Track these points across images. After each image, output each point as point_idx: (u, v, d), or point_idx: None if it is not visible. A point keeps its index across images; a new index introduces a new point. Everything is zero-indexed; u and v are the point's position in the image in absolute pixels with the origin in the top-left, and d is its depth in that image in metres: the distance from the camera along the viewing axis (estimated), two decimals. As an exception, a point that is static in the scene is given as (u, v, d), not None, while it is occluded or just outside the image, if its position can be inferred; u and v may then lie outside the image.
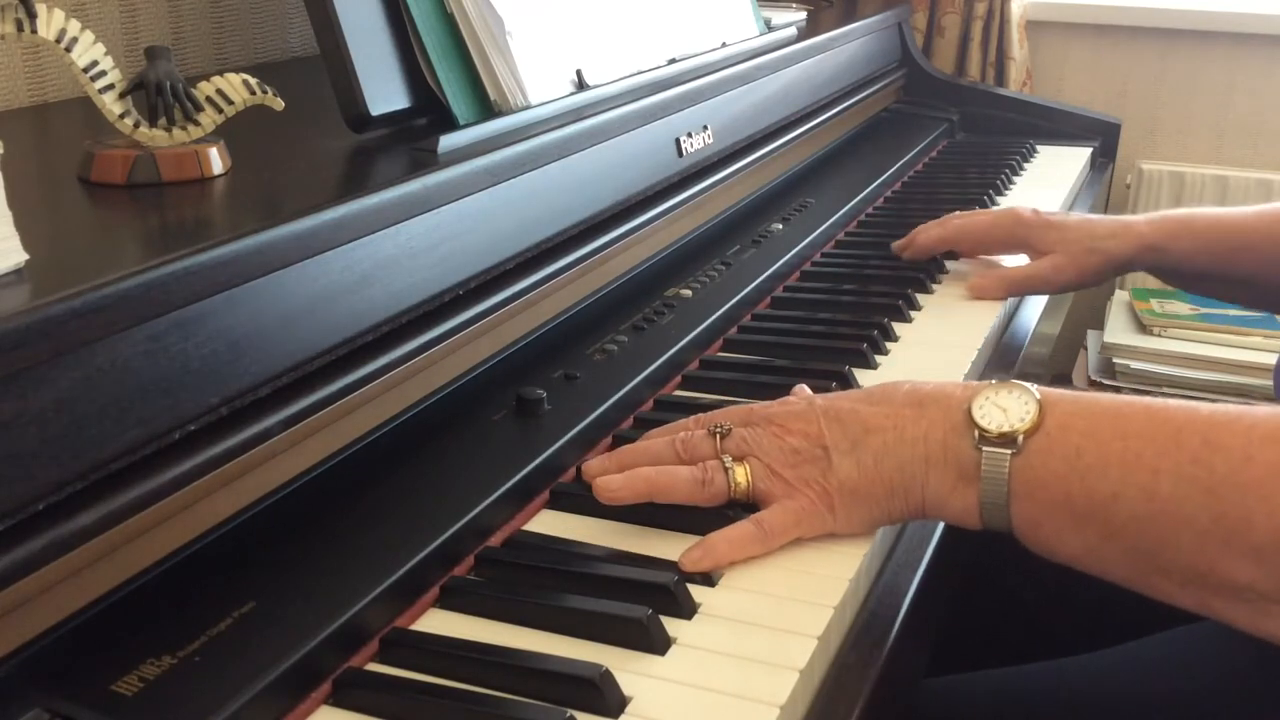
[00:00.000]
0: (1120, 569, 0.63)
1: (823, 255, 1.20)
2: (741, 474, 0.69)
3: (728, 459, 0.69)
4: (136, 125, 0.74)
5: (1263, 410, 0.60)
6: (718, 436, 0.70)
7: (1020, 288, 1.10)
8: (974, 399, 0.66)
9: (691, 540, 0.67)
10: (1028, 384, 0.66)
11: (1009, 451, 0.63)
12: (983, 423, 0.65)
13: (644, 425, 0.81)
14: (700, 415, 0.74)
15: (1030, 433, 0.63)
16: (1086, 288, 1.12)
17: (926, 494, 0.67)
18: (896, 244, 1.17)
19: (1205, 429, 0.60)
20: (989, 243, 1.15)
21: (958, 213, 1.18)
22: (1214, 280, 1.07)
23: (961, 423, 0.66)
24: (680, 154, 1.10)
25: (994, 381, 0.67)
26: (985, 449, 0.64)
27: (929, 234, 1.15)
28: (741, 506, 0.69)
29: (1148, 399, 0.64)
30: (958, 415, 0.66)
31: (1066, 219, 1.10)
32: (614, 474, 0.70)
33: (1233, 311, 1.96)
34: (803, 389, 0.78)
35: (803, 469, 0.68)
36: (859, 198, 1.35)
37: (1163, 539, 0.60)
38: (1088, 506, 0.61)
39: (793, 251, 1.14)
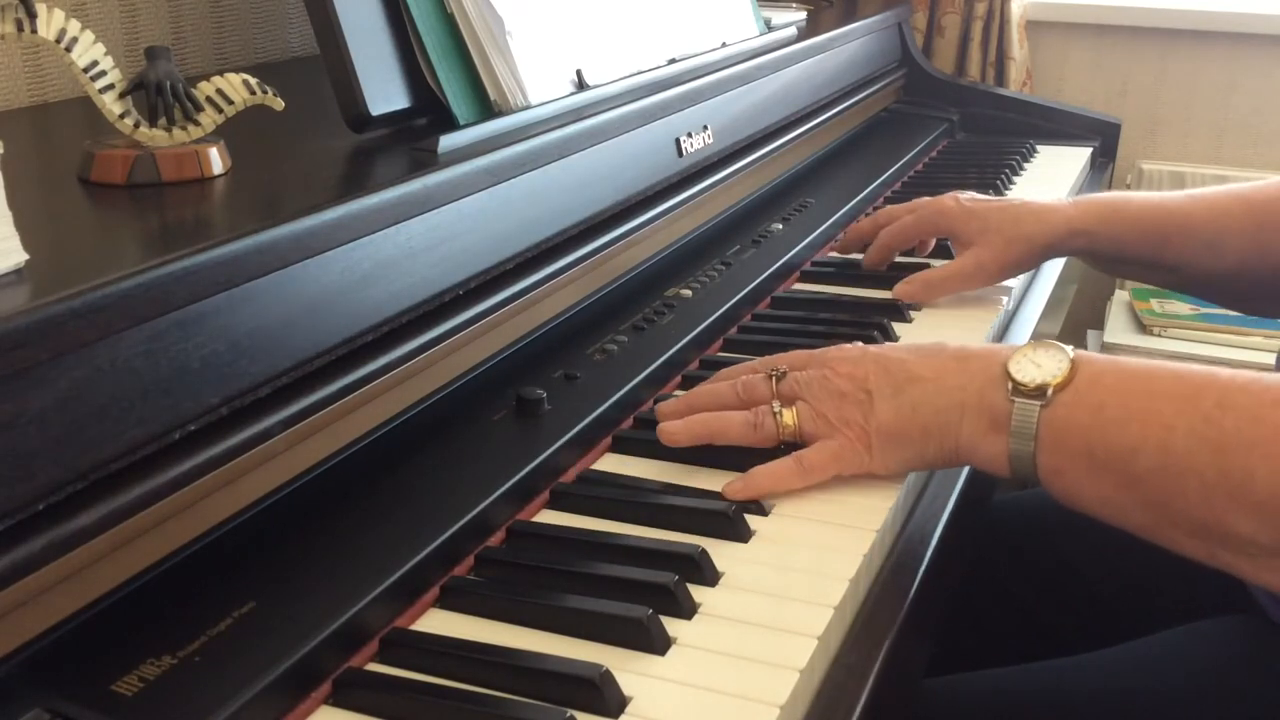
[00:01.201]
0: (1135, 518, 0.66)
1: (823, 255, 1.20)
2: (790, 417, 0.74)
3: (777, 404, 0.75)
4: (136, 125, 0.74)
5: (1278, 377, 0.63)
6: (774, 379, 0.76)
7: (943, 289, 1.06)
8: (1013, 355, 0.70)
9: (690, 538, 0.67)
10: (1065, 345, 0.69)
11: (1039, 403, 0.67)
12: (1018, 376, 0.69)
13: (645, 425, 0.81)
14: (764, 358, 0.80)
15: (1060, 387, 0.67)
16: (1014, 276, 1.08)
17: (960, 439, 0.71)
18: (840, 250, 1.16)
19: (1221, 391, 0.63)
20: (922, 239, 1.13)
21: (884, 211, 1.13)
22: (1141, 265, 1.05)
23: (999, 375, 0.70)
24: (680, 154, 1.10)
25: (1033, 341, 0.71)
26: (1017, 400, 0.68)
27: (871, 260, 1.12)
28: (793, 447, 0.74)
29: (1175, 364, 0.67)
30: (996, 369, 0.70)
31: (989, 206, 1.06)
32: (675, 420, 0.76)
33: (1233, 311, 1.96)
34: (857, 345, 0.81)
35: (845, 410, 0.73)
36: (859, 198, 1.35)
37: (1174, 491, 0.63)
38: (1107, 457, 0.65)
39: (793, 251, 1.14)
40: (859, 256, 1.17)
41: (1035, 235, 1.03)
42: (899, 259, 1.15)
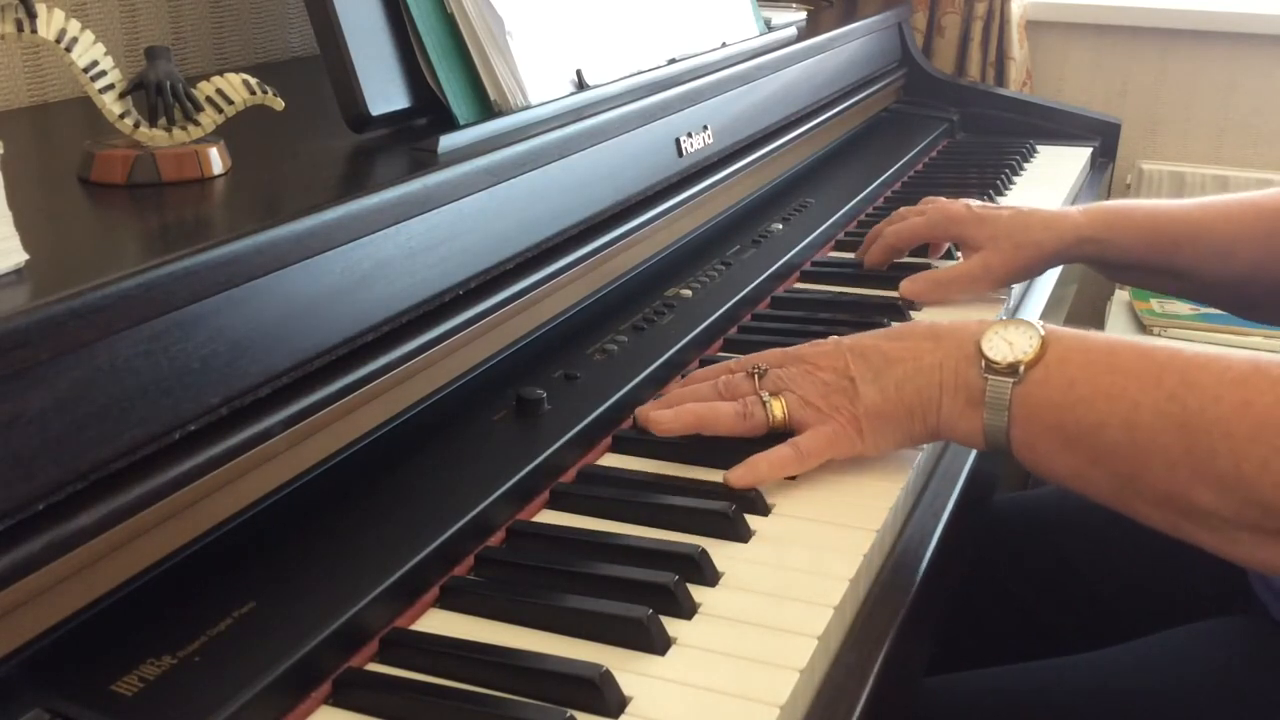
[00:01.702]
0: (1103, 490, 0.68)
1: (823, 255, 1.20)
2: (779, 407, 0.76)
3: (765, 394, 0.77)
4: (136, 125, 0.74)
5: (1239, 355, 0.65)
6: (755, 377, 0.78)
7: (950, 289, 1.06)
8: (985, 332, 0.72)
9: (690, 538, 0.67)
10: (1035, 321, 0.72)
11: (1011, 380, 0.70)
12: (990, 354, 0.71)
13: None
14: (739, 359, 0.82)
15: (1031, 364, 0.69)
16: (1021, 281, 1.09)
17: (941, 416, 0.73)
18: (858, 255, 1.16)
19: (1184, 369, 0.65)
20: (930, 241, 1.13)
21: (897, 213, 1.14)
22: (1149, 272, 1.05)
23: (972, 353, 0.72)
24: (680, 154, 1.10)
25: (1004, 319, 0.73)
26: (990, 378, 0.70)
27: (874, 258, 1.12)
28: (781, 438, 0.75)
29: (1141, 339, 0.70)
30: (969, 347, 0.72)
31: (999, 213, 1.07)
32: (664, 410, 0.77)
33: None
34: (829, 339, 0.83)
35: (833, 398, 0.75)
36: (859, 198, 1.35)
37: (1139, 465, 0.66)
38: (1076, 432, 0.68)
39: (793, 251, 1.14)
40: (855, 256, 1.17)
41: (1044, 242, 1.04)
42: (901, 260, 1.15)
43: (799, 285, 1.12)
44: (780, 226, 1.21)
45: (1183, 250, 1.01)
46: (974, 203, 1.10)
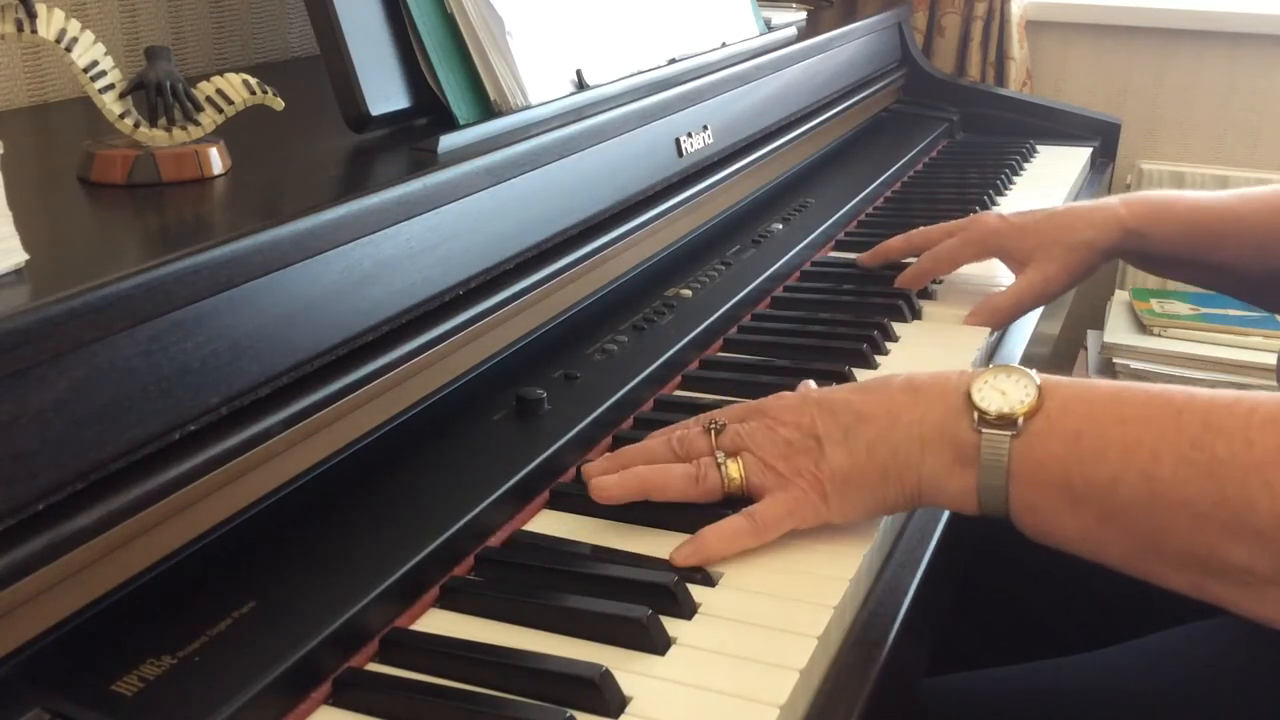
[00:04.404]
0: (1116, 552, 0.63)
1: (823, 255, 1.20)
2: (735, 469, 0.68)
3: (721, 455, 0.69)
4: (136, 125, 0.74)
5: (1261, 395, 0.60)
6: (713, 433, 0.71)
7: (1015, 311, 1.03)
8: (973, 382, 0.65)
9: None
10: (1027, 369, 0.65)
11: (1009, 433, 0.63)
12: (982, 405, 0.64)
13: (644, 425, 0.81)
14: (700, 416, 0.74)
15: (1030, 414, 0.63)
16: (1080, 283, 1.07)
17: (923, 476, 0.66)
18: (861, 258, 1.14)
19: (1205, 413, 0.59)
20: (965, 262, 1.10)
21: (919, 233, 1.11)
22: (1192, 267, 1.03)
23: (960, 405, 0.65)
24: (680, 154, 1.10)
25: (992, 366, 0.66)
26: (985, 431, 0.64)
27: (906, 281, 1.08)
28: (739, 502, 0.68)
29: (1146, 384, 0.64)
30: (955, 398, 0.66)
31: (1037, 220, 1.04)
32: (610, 474, 0.70)
33: (1233, 311, 1.96)
34: (808, 384, 0.78)
35: (795, 460, 0.68)
36: (859, 198, 1.35)
37: (1161, 522, 0.60)
38: (1086, 490, 0.61)
39: (793, 251, 1.14)
40: (860, 254, 1.17)
41: (1095, 240, 1.01)
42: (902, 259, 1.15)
43: (799, 285, 1.12)
44: (780, 226, 1.21)
45: (1225, 244, 0.99)
46: (1006, 213, 1.07)
